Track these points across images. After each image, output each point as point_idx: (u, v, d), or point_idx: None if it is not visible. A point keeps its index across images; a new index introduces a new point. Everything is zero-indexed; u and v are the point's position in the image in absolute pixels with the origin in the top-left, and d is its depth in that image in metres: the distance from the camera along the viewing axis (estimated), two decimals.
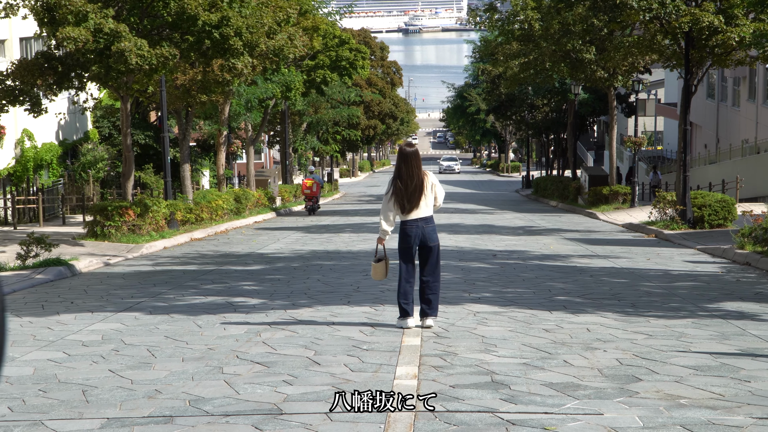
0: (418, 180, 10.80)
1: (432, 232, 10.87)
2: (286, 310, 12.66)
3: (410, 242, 10.84)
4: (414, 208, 10.80)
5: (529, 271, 17.57)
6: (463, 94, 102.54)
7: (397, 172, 10.89)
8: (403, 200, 10.77)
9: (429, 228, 10.85)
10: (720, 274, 17.18)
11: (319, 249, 22.97)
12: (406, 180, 10.78)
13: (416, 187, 10.78)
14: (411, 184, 10.77)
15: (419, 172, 10.83)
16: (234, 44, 23.68)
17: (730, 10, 27.09)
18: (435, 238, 10.91)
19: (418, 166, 10.86)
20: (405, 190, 10.77)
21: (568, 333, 10.64)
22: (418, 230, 10.81)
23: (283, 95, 43.00)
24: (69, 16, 21.92)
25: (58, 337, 10.82)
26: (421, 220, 10.83)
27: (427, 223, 10.84)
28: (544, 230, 29.24)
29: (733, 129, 53.60)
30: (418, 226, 10.81)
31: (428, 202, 10.87)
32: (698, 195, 27.85)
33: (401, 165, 10.86)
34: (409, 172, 10.79)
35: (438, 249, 10.96)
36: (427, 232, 10.83)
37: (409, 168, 10.81)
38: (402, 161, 10.86)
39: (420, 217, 10.82)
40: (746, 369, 8.65)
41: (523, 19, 40.02)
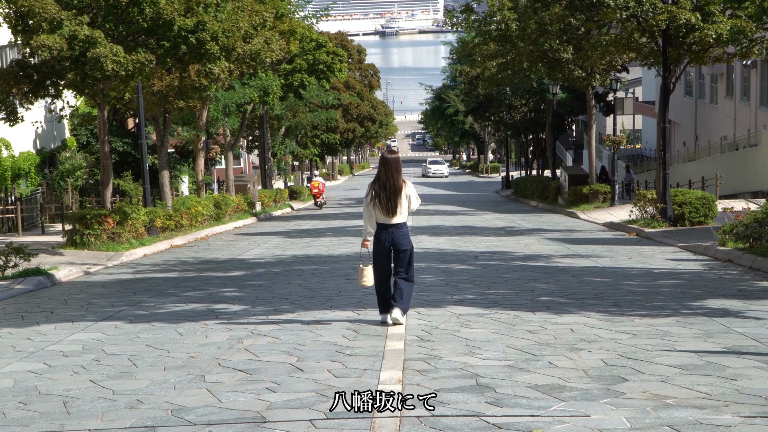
0: (396, 187, 11.05)
1: (402, 238, 11.15)
2: (268, 316, 12.57)
3: (381, 246, 11.19)
4: (389, 214, 11.07)
5: (511, 272, 17.52)
6: (441, 95, 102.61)
7: (376, 177, 11.16)
8: (380, 205, 11.05)
9: (399, 233, 11.13)
10: (702, 271, 17.18)
11: (300, 254, 22.86)
12: (385, 186, 11.05)
13: (393, 193, 11.04)
14: (389, 191, 11.05)
15: (398, 180, 11.08)
16: (210, 49, 23.55)
17: (707, 7, 27.16)
18: (405, 243, 11.19)
19: (398, 173, 11.11)
20: (383, 195, 11.05)
21: (552, 334, 10.59)
22: (389, 235, 11.12)
23: (261, 100, 42.86)
24: (43, 24, 21.74)
25: (38, 348, 10.69)
26: (393, 227, 11.12)
27: (398, 230, 11.14)
28: (525, 230, 29.22)
29: (712, 126, 53.78)
30: (390, 231, 11.12)
31: (403, 209, 11.14)
32: (678, 192, 27.89)
33: (381, 171, 11.12)
34: (388, 178, 11.06)
35: (411, 251, 11.28)
36: (397, 237, 11.12)
37: (388, 174, 11.07)
38: (382, 167, 11.12)
39: (392, 223, 11.11)
40: (732, 367, 8.62)
41: (499, 20, 40.02)
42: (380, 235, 11.17)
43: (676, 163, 53.87)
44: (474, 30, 43.16)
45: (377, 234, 11.20)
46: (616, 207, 38.33)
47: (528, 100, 60.24)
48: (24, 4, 21.59)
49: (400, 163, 11.23)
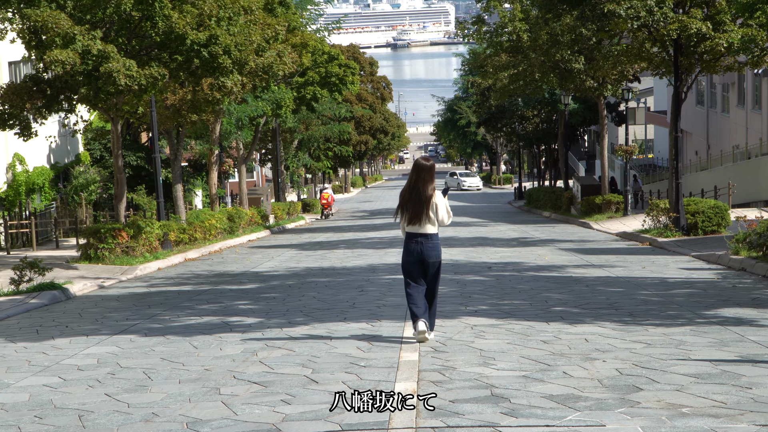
0: (425, 196, 10.75)
1: (431, 250, 10.81)
2: (282, 328, 12.59)
3: (410, 258, 10.86)
4: (416, 221, 10.79)
5: (524, 282, 17.51)
6: (453, 107, 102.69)
7: (408, 183, 10.89)
8: (408, 212, 10.81)
9: (428, 245, 10.80)
10: (716, 280, 17.14)
11: (314, 266, 22.90)
12: (414, 193, 10.78)
13: (422, 201, 10.74)
14: (417, 198, 10.75)
15: (428, 188, 10.78)
16: (223, 62, 23.65)
17: (717, 17, 27.14)
18: (434, 255, 10.87)
19: (429, 181, 10.80)
20: (410, 203, 10.78)
21: (566, 344, 10.58)
22: (418, 246, 10.80)
23: (273, 113, 42.97)
24: (56, 39, 21.86)
25: (53, 362, 10.73)
26: (422, 236, 10.82)
27: (427, 240, 10.81)
28: (538, 241, 29.20)
29: (724, 135, 53.68)
30: (419, 242, 10.81)
31: (432, 219, 10.81)
32: (691, 202, 27.84)
33: (413, 177, 10.84)
34: (418, 185, 10.77)
35: (439, 266, 10.96)
36: (426, 249, 10.79)
37: (419, 181, 10.78)
38: (415, 173, 10.83)
39: (421, 232, 10.82)
40: (747, 376, 8.60)
41: (511, 31, 40.08)
42: (409, 245, 10.89)
43: (689, 173, 53.76)
44: (485, 41, 43.24)
45: (406, 244, 10.92)
46: (629, 217, 38.27)
47: (540, 110, 60.26)
48: (38, 19, 21.71)
49: (433, 172, 10.89)
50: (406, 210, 10.80)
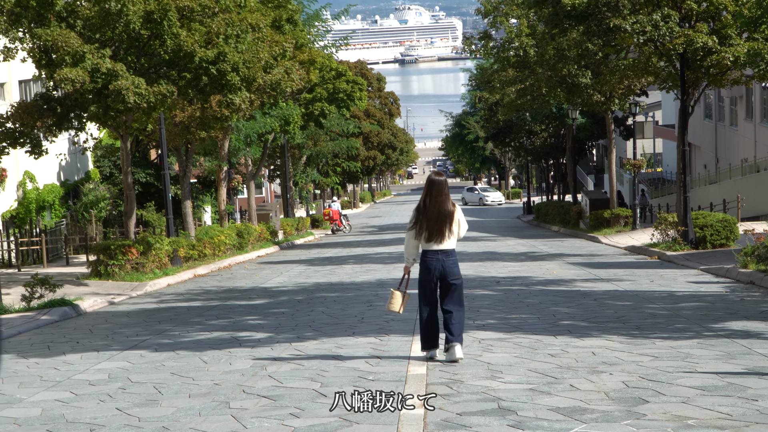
0: (446, 210, 10.45)
1: (453, 266, 10.51)
2: (291, 343, 12.67)
3: (430, 276, 10.49)
4: (437, 238, 10.45)
5: (532, 296, 17.57)
6: (461, 122, 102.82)
7: (423, 200, 10.54)
8: (426, 229, 10.44)
9: (449, 261, 10.49)
10: (724, 293, 17.18)
11: (323, 281, 22.98)
12: (433, 209, 10.43)
13: (442, 217, 10.43)
14: (437, 214, 10.42)
15: (447, 203, 10.47)
16: (231, 80, 23.78)
17: (723, 30, 27.24)
18: (456, 272, 10.56)
19: (446, 196, 10.49)
20: (430, 219, 10.43)
21: (573, 357, 10.65)
22: (438, 263, 10.46)
23: (281, 129, 43.12)
24: (66, 57, 22.02)
25: (64, 377, 10.83)
26: (442, 253, 10.48)
27: (448, 257, 10.49)
28: (546, 255, 29.25)
29: (732, 148, 53.70)
30: (439, 259, 10.47)
31: (452, 235, 10.51)
32: (699, 215, 27.87)
33: (428, 193, 10.49)
34: (437, 201, 10.43)
35: (461, 285, 10.65)
36: (447, 265, 10.46)
37: (436, 197, 10.44)
38: (430, 189, 10.49)
39: (441, 249, 10.48)
40: (753, 388, 8.66)
41: (517, 46, 40.22)
42: (429, 263, 10.47)
43: (698, 186, 53.77)
44: (492, 56, 43.37)
45: (425, 261, 10.50)
46: (637, 231, 38.29)
47: (548, 125, 60.30)
48: (48, 38, 21.89)
49: (447, 185, 10.56)
50: (425, 227, 10.44)
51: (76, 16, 23.00)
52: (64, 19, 23.00)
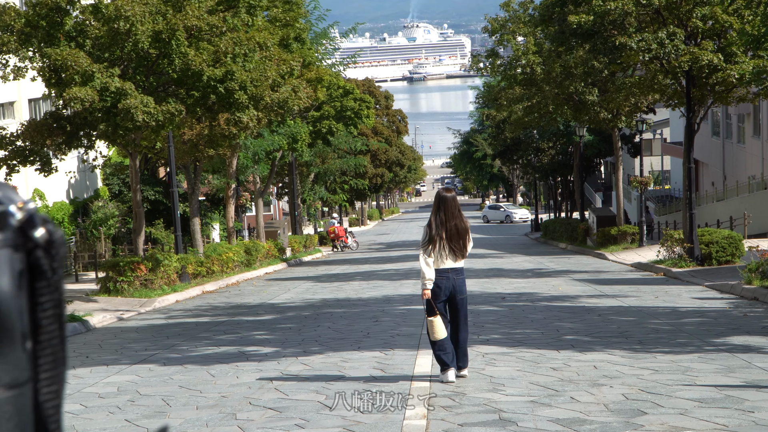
0: (463, 228, 10.18)
1: (462, 284, 10.29)
2: (298, 357, 12.84)
3: (440, 294, 10.17)
4: (455, 257, 10.16)
5: (537, 312, 17.71)
6: (469, 139, 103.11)
7: (435, 218, 10.17)
8: (445, 248, 10.10)
9: (460, 280, 10.25)
10: (727, 309, 17.30)
11: (330, 297, 23.14)
12: (448, 227, 10.09)
13: (458, 235, 10.13)
14: (453, 232, 10.10)
15: (461, 219, 10.20)
16: (239, 98, 24.03)
17: (729, 48, 27.41)
18: (464, 290, 10.34)
19: (459, 211, 10.23)
20: (445, 238, 10.09)
21: (575, 371, 10.79)
22: (449, 282, 10.18)
23: (289, 147, 43.38)
24: (76, 77, 22.30)
25: (74, 390, 11.00)
26: (453, 271, 10.22)
27: (458, 275, 10.25)
28: (553, 272, 29.38)
29: (740, 166, 53.78)
30: (450, 278, 10.19)
31: (465, 252, 10.25)
32: (705, 232, 27.99)
33: (440, 210, 10.16)
34: (450, 218, 10.11)
35: (466, 302, 10.45)
36: (457, 284, 10.22)
37: (452, 214, 10.13)
38: (442, 206, 10.16)
39: (453, 267, 10.21)
40: (750, 400, 8.79)
41: (524, 64, 40.43)
42: (439, 282, 10.10)
43: (705, 203, 53.84)
44: (500, 74, 43.59)
45: (435, 280, 10.12)
46: (644, 248, 38.38)
47: (555, 142, 60.54)
48: (57, 58, 22.16)
49: (458, 201, 10.30)
50: (444, 245, 10.08)
51: (86, 35, 23.29)
52: (74, 38, 23.29)
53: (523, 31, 41.75)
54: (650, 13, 28.57)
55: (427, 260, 10.10)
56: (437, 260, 10.14)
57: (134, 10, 22.04)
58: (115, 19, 22.16)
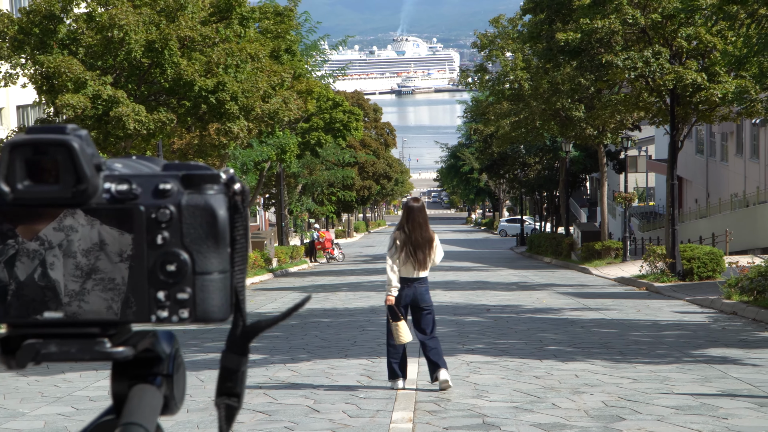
0: (427, 238, 10.30)
1: (425, 293, 10.44)
2: (286, 363, 13.08)
3: (400, 302, 10.36)
4: (418, 267, 10.32)
5: (521, 323, 18.00)
6: (456, 153, 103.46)
7: (401, 227, 10.40)
8: (408, 258, 10.28)
9: (422, 288, 10.40)
10: (707, 323, 17.63)
11: (317, 307, 23.37)
12: (415, 236, 10.26)
13: (423, 245, 10.27)
14: (417, 242, 10.25)
15: (426, 230, 10.33)
16: (230, 108, 24.31)
17: (712, 68, 27.86)
18: (428, 299, 10.50)
19: (425, 222, 10.37)
20: (410, 247, 10.25)
21: (557, 379, 11.07)
22: (411, 291, 10.35)
23: (278, 158, 43.62)
24: (68, 84, 22.55)
25: (65, 393, 11.21)
26: (416, 281, 10.38)
27: (420, 284, 10.39)
28: (537, 285, 29.68)
29: (723, 183, 54.30)
30: (412, 286, 10.35)
31: (430, 262, 10.40)
32: (687, 248, 28.37)
33: (406, 220, 10.34)
34: (415, 228, 10.27)
35: (433, 311, 10.59)
36: (419, 293, 10.38)
37: (416, 224, 10.28)
38: (408, 216, 10.35)
39: (416, 277, 10.38)
40: (725, 408, 9.09)
41: (512, 79, 40.87)
42: (401, 290, 10.34)
43: (688, 220, 54.30)
44: (488, 89, 44.05)
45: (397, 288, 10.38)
46: (628, 263, 38.74)
47: (542, 157, 60.98)
48: (50, 65, 22.41)
49: (426, 212, 10.43)
50: (406, 256, 10.26)
51: (79, 43, 23.56)
52: (67, 46, 23.55)
53: (512, 47, 42.23)
54: (636, 32, 28.99)
55: (393, 267, 10.35)
56: (405, 269, 10.34)
57: (128, 20, 22.32)
58: (109, 27, 22.44)
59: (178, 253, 1.03)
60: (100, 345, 1.06)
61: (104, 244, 1.04)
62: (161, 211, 1.04)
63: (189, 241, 1.04)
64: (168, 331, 1.15)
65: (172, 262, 1.03)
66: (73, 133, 1.04)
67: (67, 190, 1.03)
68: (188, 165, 1.07)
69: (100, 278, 1.04)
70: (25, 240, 1.04)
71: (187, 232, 1.04)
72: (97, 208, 1.04)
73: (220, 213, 1.04)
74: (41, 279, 1.05)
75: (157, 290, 1.04)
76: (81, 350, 1.06)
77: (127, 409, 1.11)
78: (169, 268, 1.03)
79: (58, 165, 1.03)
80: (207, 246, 1.03)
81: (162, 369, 1.15)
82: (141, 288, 1.04)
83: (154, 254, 1.04)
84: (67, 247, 1.04)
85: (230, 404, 1.20)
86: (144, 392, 1.13)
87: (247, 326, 1.14)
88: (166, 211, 1.04)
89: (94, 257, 1.04)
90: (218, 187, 1.05)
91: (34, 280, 1.04)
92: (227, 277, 1.04)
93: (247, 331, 1.14)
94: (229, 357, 1.16)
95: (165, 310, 1.05)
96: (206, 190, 1.05)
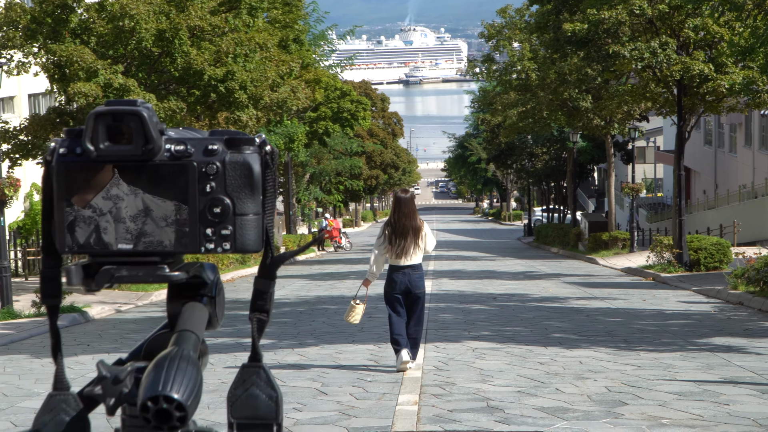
0: (413, 227, 10.72)
1: (419, 280, 10.81)
2: (294, 348, 13.27)
3: (395, 288, 10.76)
4: (405, 254, 10.71)
5: (527, 311, 18.16)
6: (463, 143, 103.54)
7: (391, 217, 10.95)
8: (395, 245, 10.71)
9: (416, 276, 10.78)
10: (712, 312, 17.77)
11: (324, 294, 23.57)
12: (400, 225, 10.72)
13: (410, 233, 10.69)
14: (405, 230, 10.70)
15: (414, 219, 10.76)
16: (239, 97, 24.45)
17: (719, 59, 27.91)
18: (421, 285, 10.88)
19: (413, 212, 10.81)
20: (397, 236, 10.72)
21: (561, 365, 11.24)
22: (405, 277, 10.72)
23: (286, 147, 43.79)
24: (80, 72, 22.70)
25: (78, 375, 11.40)
26: (410, 268, 10.74)
27: (414, 271, 10.77)
28: (544, 275, 29.83)
29: (731, 174, 54.33)
30: (406, 273, 10.73)
31: (419, 250, 10.78)
32: (694, 239, 28.48)
33: (396, 210, 10.86)
34: (404, 217, 10.73)
35: (424, 297, 10.99)
36: (413, 279, 10.75)
37: (403, 214, 10.75)
38: (396, 207, 10.86)
39: (409, 264, 10.74)
40: (727, 394, 9.25)
41: (520, 70, 40.93)
42: (395, 277, 10.76)
43: (696, 211, 54.37)
44: (495, 79, 44.13)
45: (391, 275, 10.82)
46: (635, 253, 38.84)
47: (549, 148, 61.04)
48: (63, 54, 22.57)
49: (414, 202, 10.94)
50: (395, 242, 10.70)
51: (90, 33, 23.71)
52: (79, 35, 23.71)
53: (519, 38, 42.28)
54: (643, 22, 29.06)
55: (376, 255, 11.00)
56: (393, 257, 10.80)
57: (139, 9, 22.46)
58: (120, 17, 22.59)
59: (223, 198, 1.31)
60: (161, 270, 1.33)
61: (149, 210, 1.32)
62: (210, 166, 1.31)
63: (231, 190, 1.31)
64: (211, 263, 1.43)
65: (217, 205, 1.30)
66: (143, 105, 1.30)
67: (138, 149, 1.30)
68: (230, 132, 1.34)
69: (159, 218, 1.32)
70: (122, 181, 1.31)
71: (230, 183, 1.31)
72: (160, 164, 1.31)
73: (255, 168, 1.32)
74: (117, 219, 1.31)
75: (206, 227, 1.31)
76: (146, 274, 1.33)
77: (181, 319, 1.37)
78: (216, 210, 1.30)
79: (132, 130, 1.30)
80: (245, 193, 1.31)
81: (207, 291, 1.40)
82: (193, 225, 1.31)
83: (203, 199, 1.31)
84: (131, 203, 1.32)
85: (261, 318, 1.45)
86: (194, 308, 1.38)
87: (274, 257, 1.39)
88: (213, 166, 1.31)
89: (145, 214, 1.33)
90: (253, 148, 1.33)
91: (110, 219, 1.31)
92: (260, 218, 1.33)
93: (274, 261, 1.40)
94: (260, 281, 1.42)
95: (212, 243, 1.31)
96: (244, 150, 1.32)
